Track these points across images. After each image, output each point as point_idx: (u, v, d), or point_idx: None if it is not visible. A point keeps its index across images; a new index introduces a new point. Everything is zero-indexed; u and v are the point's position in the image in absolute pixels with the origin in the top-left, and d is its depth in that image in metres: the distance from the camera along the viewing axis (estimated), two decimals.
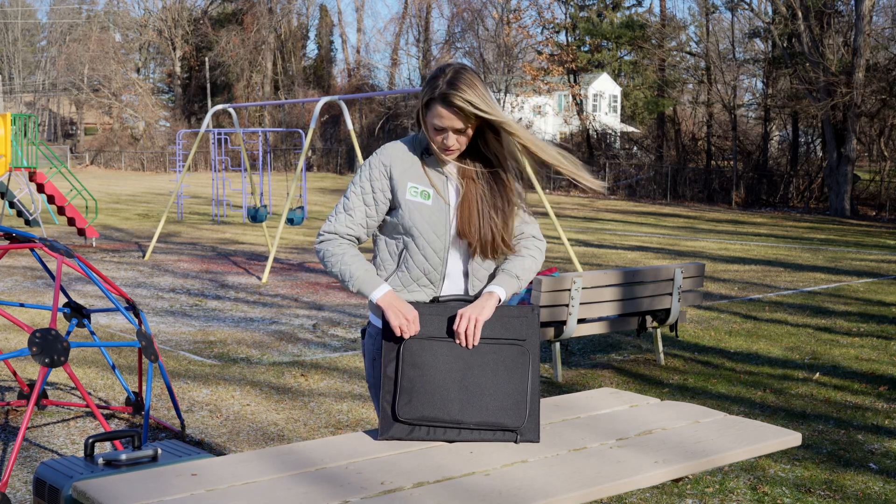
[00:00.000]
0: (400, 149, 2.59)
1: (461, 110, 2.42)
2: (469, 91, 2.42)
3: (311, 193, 30.49)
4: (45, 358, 3.91)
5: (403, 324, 2.45)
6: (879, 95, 27.39)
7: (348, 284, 2.54)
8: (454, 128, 2.46)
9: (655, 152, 37.21)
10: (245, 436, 4.97)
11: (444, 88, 2.43)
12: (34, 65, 70.21)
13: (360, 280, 2.53)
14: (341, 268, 2.55)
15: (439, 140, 2.50)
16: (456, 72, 2.45)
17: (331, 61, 57.89)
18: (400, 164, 2.55)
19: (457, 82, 2.42)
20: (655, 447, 2.46)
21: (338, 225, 2.59)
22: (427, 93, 2.47)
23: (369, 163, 2.58)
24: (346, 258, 2.56)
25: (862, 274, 12.87)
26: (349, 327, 8.24)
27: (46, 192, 15.35)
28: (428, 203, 2.55)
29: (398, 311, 2.46)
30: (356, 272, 2.53)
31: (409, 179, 2.55)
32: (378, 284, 2.52)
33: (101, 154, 51.65)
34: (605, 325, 6.63)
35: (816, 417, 5.50)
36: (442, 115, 2.44)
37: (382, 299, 2.49)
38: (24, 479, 4.20)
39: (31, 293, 9.60)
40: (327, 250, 2.59)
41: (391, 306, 2.47)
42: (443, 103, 2.43)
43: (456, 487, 2.14)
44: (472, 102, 2.41)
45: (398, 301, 2.48)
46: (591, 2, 40.94)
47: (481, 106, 2.42)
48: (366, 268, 2.55)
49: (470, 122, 2.46)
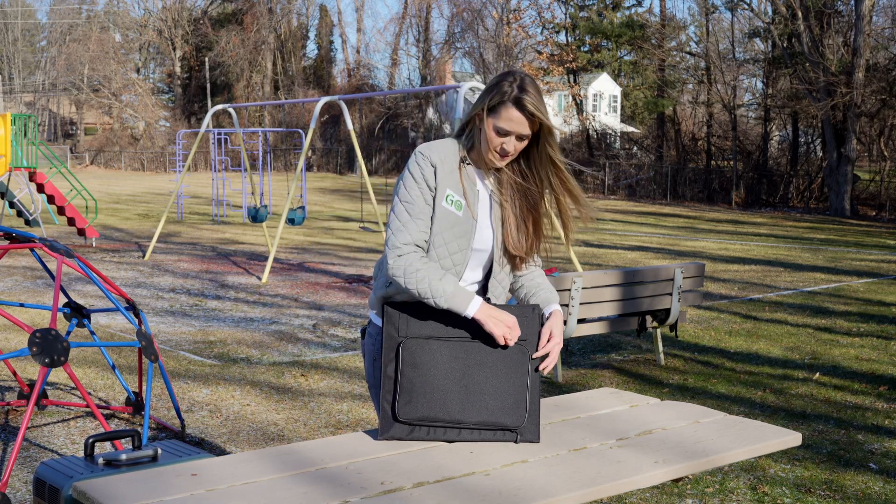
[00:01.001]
0: (446, 152, 2.55)
1: (532, 116, 2.44)
2: (539, 99, 2.46)
3: (312, 193, 30.50)
4: (45, 358, 3.91)
5: (506, 332, 2.44)
6: (879, 95, 27.39)
7: (437, 301, 2.43)
8: (519, 133, 2.46)
9: (655, 152, 37.21)
10: (245, 436, 4.97)
11: (518, 93, 2.44)
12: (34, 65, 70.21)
13: (451, 296, 2.44)
14: (431, 284, 2.43)
15: (498, 144, 2.48)
16: (525, 78, 2.47)
17: (331, 61, 57.88)
18: (444, 168, 2.52)
19: (528, 88, 2.45)
20: (655, 447, 2.46)
21: (413, 233, 2.48)
22: (496, 96, 2.46)
23: (417, 162, 2.51)
24: (433, 274, 2.45)
25: (862, 274, 12.87)
26: (349, 327, 8.24)
27: (46, 192, 15.35)
28: (458, 214, 2.52)
29: (498, 321, 2.44)
30: (447, 288, 2.44)
31: (449, 186, 2.51)
32: (471, 299, 2.45)
33: (101, 154, 51.65)
34: (605, 325, 6.63)
35: (816, 417, 5.50)
36: (512, 118, 2.45)
37: (479, 312, 2.44)
38: (24, 479, 4.20)
39: (31, 293, 9.60)
40: (410, 266, 2.45)
41: (490, 317, 2.44)
42: (516, 106, 2.44)
43: (456, 487, 2.14)
44: (541, 110, 2.45)
45: (495, 311, 2.46)
46: (591, 2, 40.94)
47: (543, 113, 2.46)
48: (454, 283, 2.46)
49: (533, 130, 2.47)
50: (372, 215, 21.65)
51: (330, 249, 15.02)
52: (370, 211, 22.71)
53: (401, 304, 2.52)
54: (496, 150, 2.50)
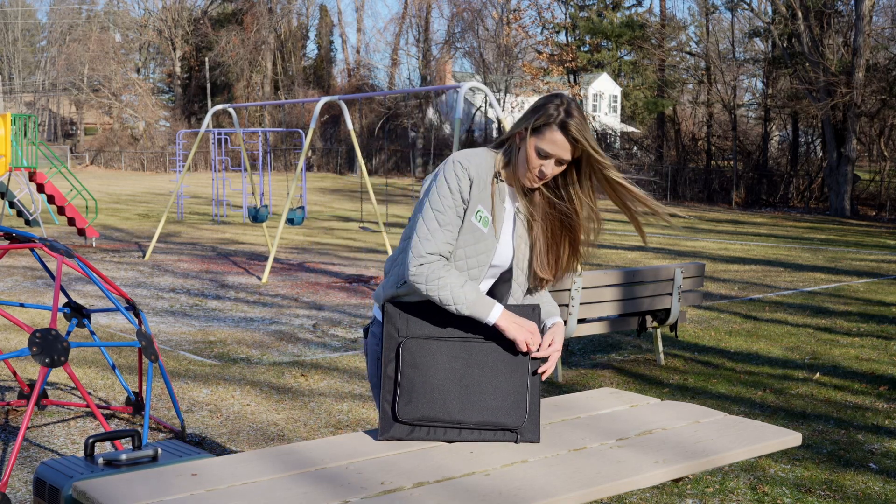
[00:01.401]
0: (484, 166, 2.50)
1: (576, 141, 2.42)
2: (584, 125, 2.43)
3: (312, 193, 30.50)
4: (45, 358, 3.91)
5: (528, 338, 2.44)
6: (879, 95, 27.39)
7: (459, 308, 2.43)
8: (560, 157, 2.44)
9: (655, 152, 37.22)
10: (245, 436, 4.97)
11: (564, 116, 2.41)
12: (34, 65, 70.21)
13: (473, 304, 2.44)
14: (452, 292, 2.43)
15: (537, 165, 2.45)
16: (572, 103, 2.45)
17: (331, 61, 57.87)
18: (479, 181, 2.48)
19: (575, 113, 2.42)
20: (655, 447, 2.46)
21: (439, 244, 2.46)
22: (542, 118, 2.43)
23: (456, 173, 2.46)
24: (455, 281, 2.44)
25: (862, 274, 12.87)
26: (349, 327, 8.24)
27: (46, 192, 15.36)
28: (484, 230, 2.50)
29: (520, 327, 2.45)
30: (469, 296, 2.43)
31: (480, 201, 2.49)
32: (492, 306, 2.45)
33: (101, 154, 51.64)
34: (605, 325, 6.63)
35: (816, 417, 5.50)
36: (556, 141, 2.42)
37: (501, 319, 2.44)
38: (25, 479, 4.20)
39: (31, 293, 9.60)
40: (433, 273, 2.44)
41: (512, 323, 2.45)
42: (561, 130, 2.41)
43: (456, 487, 2.14)
44: (587, 137, 2.43)
45: (516, 317, 2.46)
46: (591, 2, 40.94)
47: (594, 144, 2.44)
48: (476, 289, 2.46)
49: (574, 156, 2.45)
50: (372, 215, 21.65)
51: (330, 249, 15.02)
52: (370, 211, 22.72)
53: (402, 304, 2.52)
54: (534, 171, 2.46)
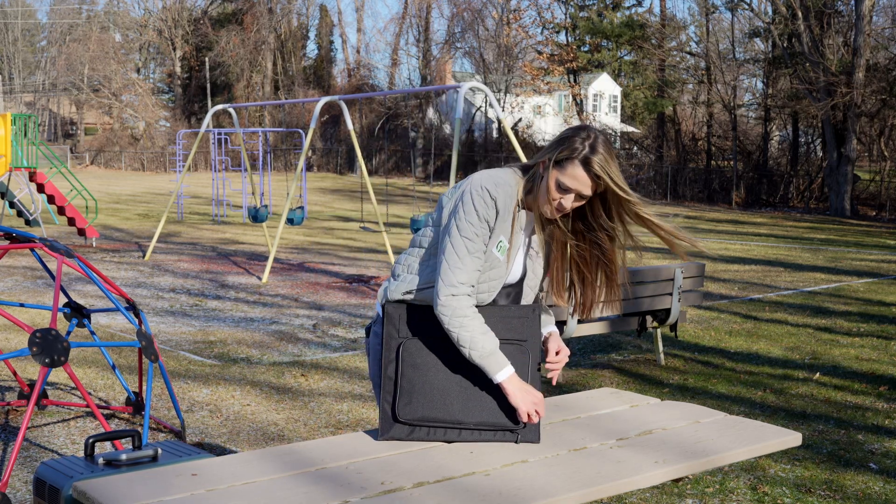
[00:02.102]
0: (510, 195, 2.46)
1: (598, 178, 2.38)
2: (611, 162, 2.38)
3: (312, 193, 30.50)
4: (45, 358, 3.91)
5: (531, 409, 2.42)
6: (879, 95, 27.39)
7: (472, 354, 2.41)
8: (581, 192, 2.40)
9: (655, 152, 37.21)
10: (245, 436, 4.97)
11: (588, 152, 2.37)
12: (34, 65, 70.20)
13: (487, 355, 2.41)
14: (473, 336, 2.40)
15: (557, 198, 2.41)
16: (597, 136, 2.40)
17: (331, 61, 57.86)
18: (503, 213, 2.45)
19: (599, 149, 2.37)
20: (655, 447, 2.46)
21: (469, 273, 2.42)
22: (566, 151, 2.39)
23: (485, 201, 2.42)
24: (479, 325, 2.42)
25: (862, 274, 12.87)
26: (349, 327, 8.24)
27: (46, 192, 15.36)
28: (501, 258, 2.49)
29: (526, 395, 2.42)
30: (487, 347, 2.40)
31: (502, 232, 2.47)
32: (504, 366, 2.42)
33: (101, 154, 51.64)
34: (605, 325, 6.62)
35: (816, 417, 5.50)
36: (577, 177, 2.38)
37: (508, 382, 2.42)
38: (25, 479, 4.20)
39: (31, 293, 9.60)
40: (460, 309, 2.41)
41: (520, 390, 2.42)
42: (583, 166, 2.37)
43: (456, 487, 2.14)
44: (611, 175, 2.38)
45: (523, 384, 2.44)
46: (591, 2, 40.93)
47: (618, 181, 2.39)
48: (495, 343, 2.42)
49: (595, 191, 2.42)
50: (372, 215, 21.64)
51: (330, 249, 15.02)
52: (370, 211, 22.71)
53: (402, 305, 2.52)
54: (553, 203, 2.42)
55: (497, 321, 2.51)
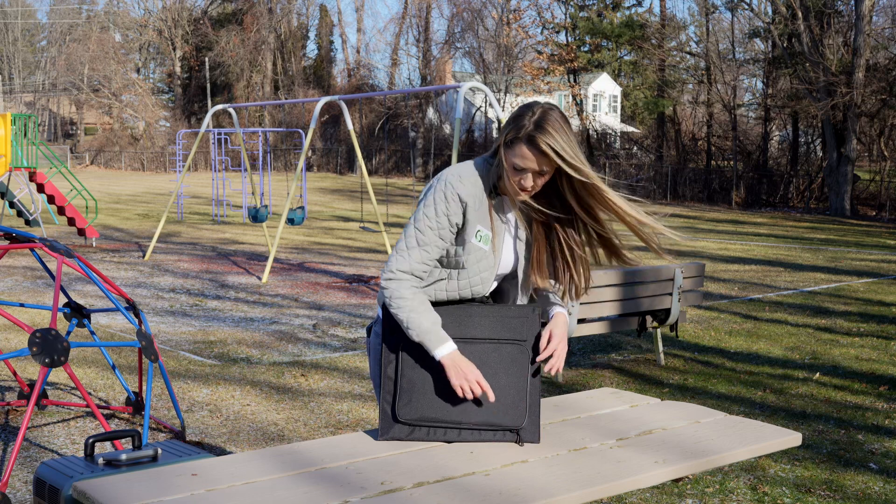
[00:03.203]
0: (477, 185, 2.46)
1: (545, 154, 2.34)
2: (557, 135, 2.33)
3: (312, 193, 30.50)
4: (45, 358, 3.91)
5: (464, 384, 2.40)
6: (879, 95, 27.39)
7: (410, 333, 2.42)
8: (535, 170, 2.38)
9: (655, 152, 37.21)
10: (245, 436, 4.97)
11: (531, 129, 2.33)
12: (34, 65, 70.19)
13: (425, 332, 2.41)
14: (409, 315, 2.41)
15: (517, 180, 2.40)
16: (544, 112, 2.36)
17: (331, 61, 57.87)
18: (473, 203, 2.45)
19: (544, 124, 2.33)
20: (655, 447, 2.46)
21: (413, 262, 2.44)
22: (512, 131, 2.38)
23: (446, 195, 2.43)
24: (416, 305, 2.42)
25: (862, 274, 12.87)
26: (349, 327, 8.24)
27: (46, 192, 15.36)
28: (486, 249, 2.48)
29: (460, 371, 2.40)
30: (423, 324, 2.41)
31: (479, 221, 2.46)
32: (443, 342, 2.42)
33: (101, 154, 51.66)
34: (606, 325, 6.62)
35: (816, 417, 5.50)
36: (525, 156, 2.35)
37: (446, 358, 2.41)
38: (25, 479, 4.20)
39: (31, 293, 9.60)
40: (396, 291, 2.44)
41: (455, 366, 2.41)
42: (528, 144, 2.34)
43: (456, 487, 2.14)
44: (556, 149, 2.33)
45: (461, 360, 2.42)
46: (591, 2, 40.93)
47: (566, 154, 2.33)
48: (433, 320, 2.42)
49: (553, 166, 2.38)
50: (372, 215, 21.64)
51: (330, 249, 15.02)
52: (370, 211, 22.71)
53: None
54: (514, 184, 2.42)
55: (497, 321, 2.51)
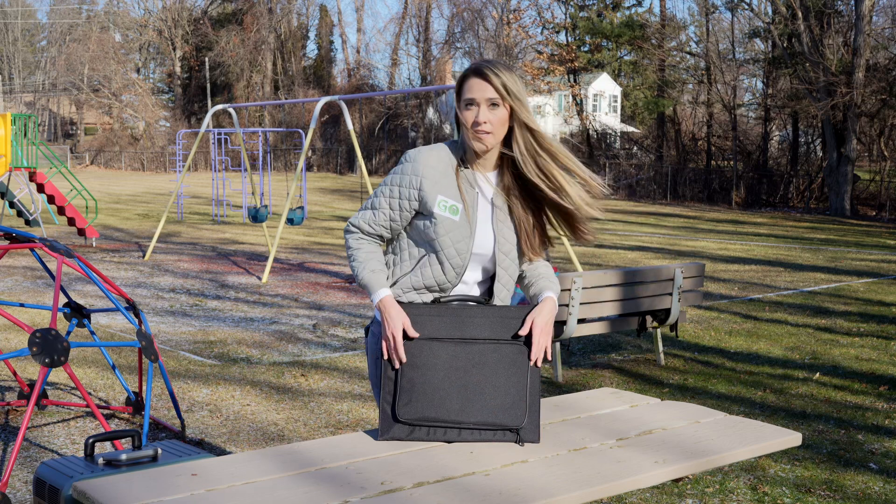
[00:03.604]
0: (436, 157, 2.54)
1: (487, 77, 2.45)
2: (500, 66, 2.47)
3: (311, 193, 30.50)
4: (45, 358, 3.91)
5: (392, 331, 2.44)
6: (879, 95, 27.39)
7: (357, 277, 2.58)
8: (485, 97, 2.45)
9: (655, 152, 37.22)
10: (245, 436, 4.97)
11: (473, 65, 2.50)
12: (34, 65, 70.19)
13: (365, 280, 2.55)
14: (354, 263, 2.59)
15: (471, 118, 2.47)
16: (490, 61, 2.52)
17: (331, 61, 57.88)
18: (432, 174, 2.51)
19: (485, 62, 2.50)
20: (655, 447, 2.46)
21: (362, 221, 2.62)
22: (459, 80, 2.53)
23: (402, 169, 2.55)
24: (361, 255, 2.59)
25: (862, 274, 12.87)
26: (349, 327, 8.24)
27: (46, 192, 15.35)
28: (455, 219, 2.51)
29: (387, 320, 2.46)
30: (363, 272, 2.56)
31: (440, 192, 2.51)
32: (379, 287, 2.52)
33: (101, 154, 51.66)
34: (606, 325, 6.63)
35: (816, 417, 5.50)
36: (472, 86, 2.47)
37: (379, 303, 2.50)
38: (25, 479, 4.20)
39: (31, 293, 9.60)
40: (348, 243, 2.65)
41: (385, 313, 2.47)
42: (474, 75, 2.48)
43: (456, 487, 2.14)
44: (500, 76, 2.45)
45: (393, 309, 2.47)
46: (591, 2, 40.93)
47: (509, 82, 2.44)
48: (373, 269, 2.55)
49: (502, 100, 2.46)
50: None
51: (330, 249, 15.02)
52: None
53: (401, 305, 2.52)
54: (470, 127, 2.48)
55: (497, 321, 2.51)
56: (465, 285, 2.61)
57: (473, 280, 2.62)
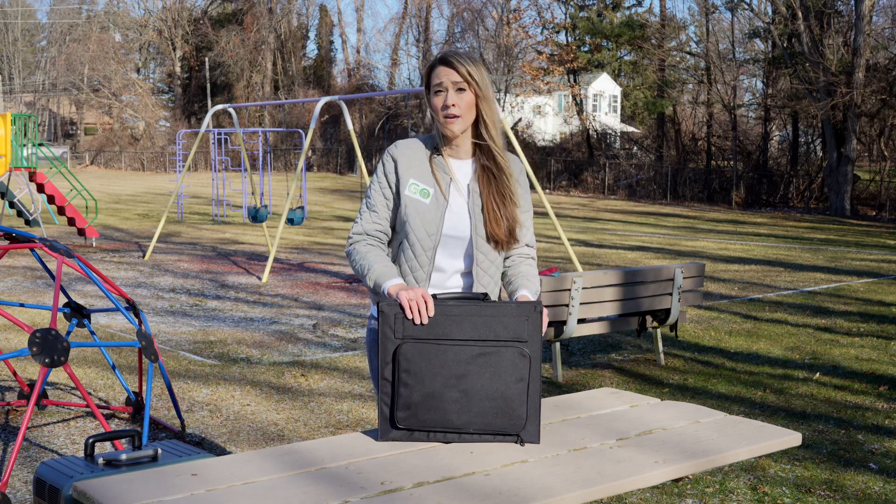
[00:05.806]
0: (411, 145, 2.66)
1: (451, 64, 2.56)
2: (464, 55, 2.59)
3: (311, 193, 30.50)
4: (45, 358, 3.91)
5: (410, 303, 2.40)
6: (879, 95, 27.39)
7: (367, 279, 2.57)
8: (452, 80, 2.56)
9: (655, 152, 37.21)
10: (245, 436, 4.97)
11: (442, 52, 2.62)
12: (34, 65, 70.19)
13: (376, 272, 2.55)
14: (362, 263, 2.59)
15: (440, 104, 2.57)
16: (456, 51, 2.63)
17: (331, 61, 57.89)
18: (406, 159, 2.62)
19: (451, 51, 2.61)
20: (655, 447, 2.45)
21: (365, 224, 2.65)
22: (427, 71, 2.63)
23: (382, 160, 2.66)
24: (370, 255, 2.61)
25: (862, 274, 12.87)
26: (349, 327, 8.24)
27: (46, 192, 15.35)
28: (425, 202, 2.60)
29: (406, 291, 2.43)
30: (374, 265, 2.57)
31: (412, 176, 2.61)
32: (392, 276, 2.54)
33: (101, 154, 51.65)
34: (606, 325, 6.63)
35: (816, 417, 5.50)
36: (439, 74, 2.58)
37: (392, 287, 2.51)
38: (25, 479, 4.20)
39: (31, 293, 9.60)
40: (354, 249, 2.64)
41: (401, 291, 2.45)
42: (440, 63, 2.58)
43: (456, 487, 2.14)
44: (464, 63, 2.55)
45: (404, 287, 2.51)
46: (591, 2, 40.93)
47: (472, 70, 2.55)
48: (386, 264, 2.58)
49: (467, 84, 2.56)
50: None
51: (330, 249, 15.01)
52: None
53: (396, 302, 2.52)
54: (439, 111, 2.58)
55: (497, 321, 2.50)
56: (441, 273, 2.65)
57: (453, 269, 2.66)
